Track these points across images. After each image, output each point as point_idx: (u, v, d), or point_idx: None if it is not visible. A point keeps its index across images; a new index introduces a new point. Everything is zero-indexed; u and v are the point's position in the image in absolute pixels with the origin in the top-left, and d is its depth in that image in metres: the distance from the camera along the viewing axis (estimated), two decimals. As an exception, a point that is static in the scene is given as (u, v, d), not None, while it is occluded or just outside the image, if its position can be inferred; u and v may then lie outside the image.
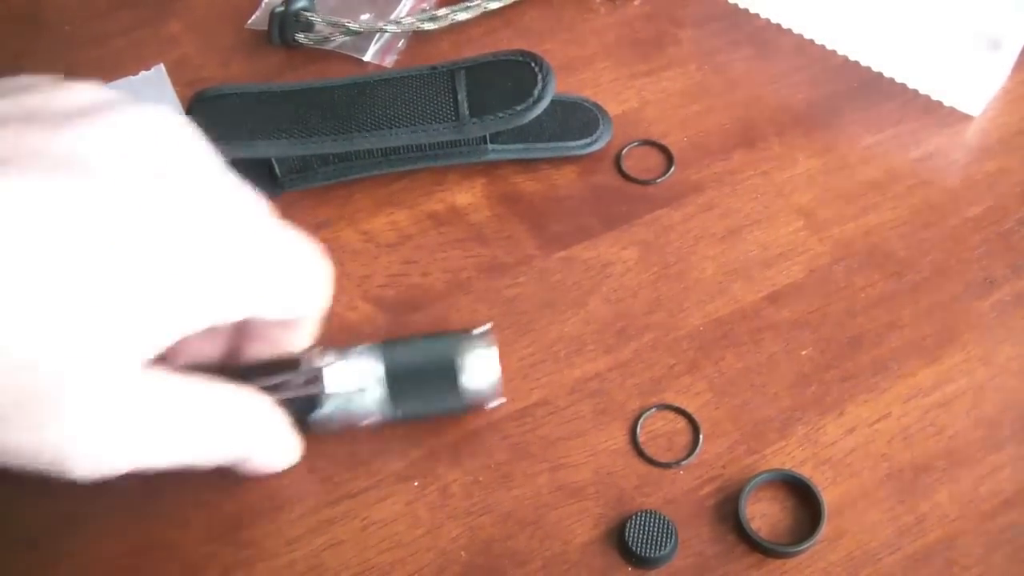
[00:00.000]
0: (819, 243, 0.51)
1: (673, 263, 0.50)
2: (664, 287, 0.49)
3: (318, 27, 0.59)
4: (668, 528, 0.41)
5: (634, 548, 0.40)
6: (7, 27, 0.63)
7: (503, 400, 0.44)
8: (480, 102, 0.51)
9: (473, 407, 0.44)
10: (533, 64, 0.52)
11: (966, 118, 0.56)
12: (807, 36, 0.60)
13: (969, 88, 0.55)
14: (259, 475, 0.42)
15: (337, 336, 0.48)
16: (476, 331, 0.43)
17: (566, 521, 0.42)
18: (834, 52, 0.59)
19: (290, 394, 0.41)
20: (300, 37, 0.60)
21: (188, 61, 0.60)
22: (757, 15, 0.61)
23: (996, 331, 0.47)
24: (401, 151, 0.52)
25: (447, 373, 0.42)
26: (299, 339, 0.42)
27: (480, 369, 0.43)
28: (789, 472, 0.42)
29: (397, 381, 0.42)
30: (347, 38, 0.60)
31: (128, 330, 0.31)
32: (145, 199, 0.31)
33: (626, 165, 0.54)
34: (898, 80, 0.58)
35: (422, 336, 0.44)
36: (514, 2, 0.62)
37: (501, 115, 0.51)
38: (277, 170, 0.51)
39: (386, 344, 0.43)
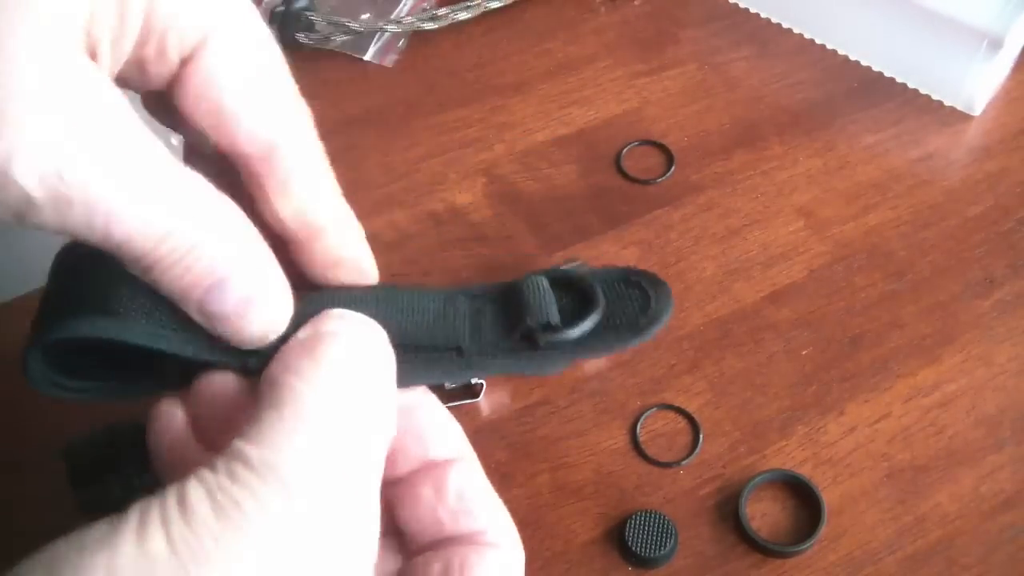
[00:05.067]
0: (819, 243, 0.51)
1: (673, 263, 0.50)
2: (664, 287, 0.49)
3: (318, 27, 0.59)
4: (668, 528, 0.41)
5: (634, 548, 0.40)
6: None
7: None
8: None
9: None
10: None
11: (966, 118, 0.56)
12: (807, 36, 0.60)
13: (969, 88, 0.55)
14: (232, 326, 0.27)
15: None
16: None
17: (566, 521, 0.42)
18: (834, 52, 0.59)
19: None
20: (300, 37, 0.60)
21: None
22: (757, 15, 0.61)
23: (996, 331, 0.47)
24: None
25: None
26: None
27: None
28: (789, 472, 0.42)
29: None
30: (347, 37, 0.60)
31: None
32: None
33: (626, 165, 0.54)
34: (898, 80, 0.58)
35: None
36: (515, 1, 0.62)
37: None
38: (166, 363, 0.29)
39: None
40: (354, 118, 0.57)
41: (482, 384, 0.45)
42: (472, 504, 0.29)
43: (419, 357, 0.30)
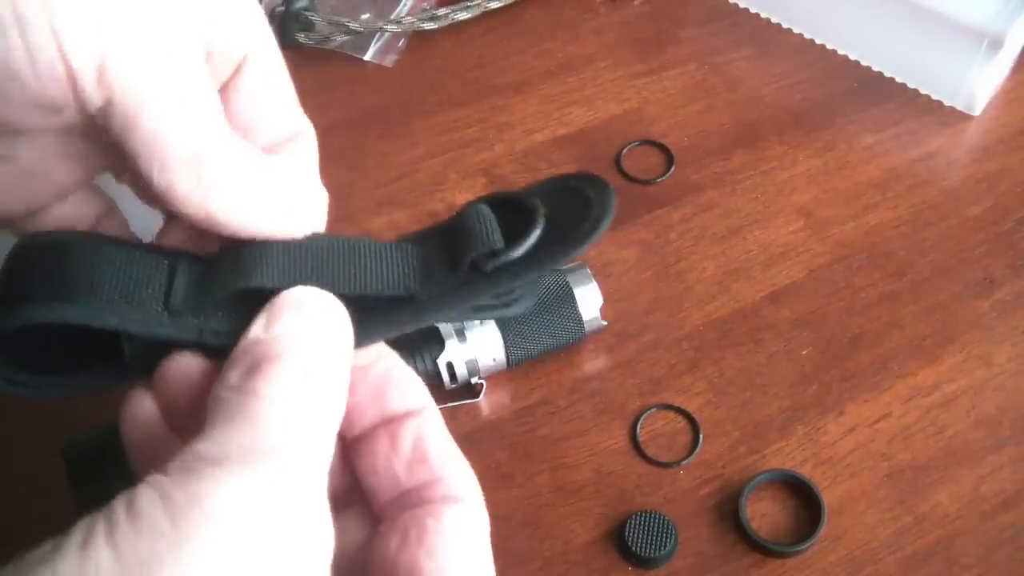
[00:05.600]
0: (819, 243, 0.51)
1: (673, 263, 0.50)
2: (664, 287, 0.49)
3: (318, 27, 0.59)
4: (668, 528, 0.41)
5: (634, 548, 0.40)
6: None
7: (605, 324, 0.46)
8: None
9: (582, 336, 0.46)
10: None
11: (966, 118, 0.56)
12: (807, 36, 0.60)
13: (969, 88, 0.55)
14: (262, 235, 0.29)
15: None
16: (569, 265, 0.46)
17: (566, 521, 0.42)
18: (834, 52, 0.59)
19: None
20: (300, 37, 0.60)
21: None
22: (758, 15, 0.61)
23: (996, 331, 0.47)
24: None
25: (562, 305, 0.45)
26: None
27: (588, 296, 0.45)
28: (789, 472, 0.42)
29: (509, 323, 0.44)
30: (347, 37, 0.60)
31: None
32: None
33: (626, 165, 0.54)
34: (898, 80, 0.58)
35: None
36: (515, 1, 0.62)
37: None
38: (126, 348, 0.29)
39: None
40: (354, 118, 0.57)
41: (482, 384, 0.45)
42: (427, 453, 0.28)
43: (372, 313, 0.29)
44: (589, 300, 0.45)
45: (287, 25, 0.59)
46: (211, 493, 0.22)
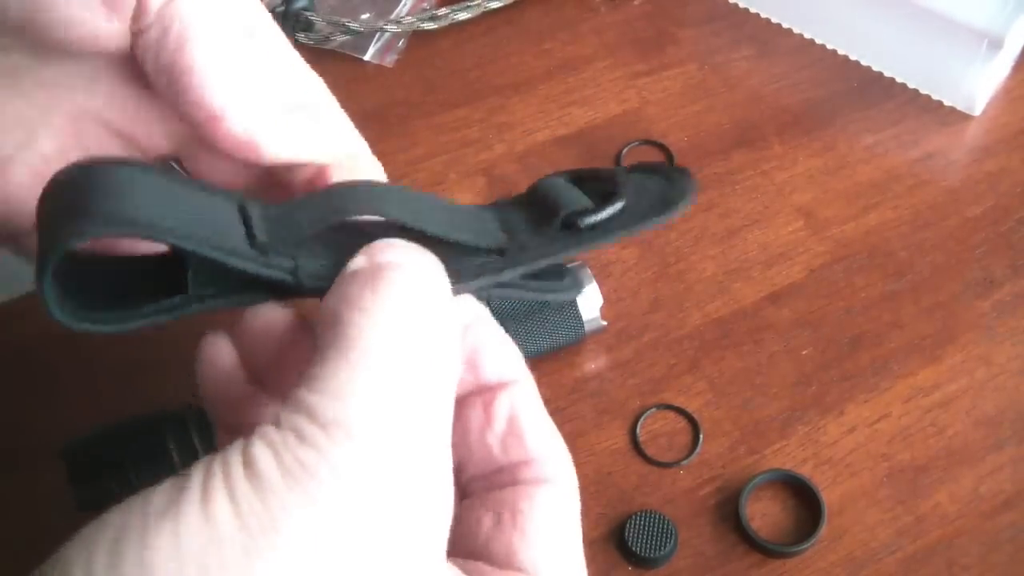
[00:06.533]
0: (819, 243, 0.51)
1: (673, 263, 0.50)
2: (664, 287, 0.49)
3: (318, 26, 0.59)
4: (668, 528, 0.41)
5: (634, 548, 0.40)
6: None
7: (605, 324, 0.47)
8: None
9: (582, 336, 0.46)
10: None
11: (966, 118, 0.56)
12: (807, 36, 0.60)
13: (969, 88, 0.55)
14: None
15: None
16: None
17: (566, 521, 0.42)
18: (834, 52, 0.59)
19: None
20: (300, 37, 0.60)
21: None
22: (757, 15, 0.61)
23: (996, 331, 0.47)
24: None
25: (562, 305, 0.45)
26: None
27: (588, 296, 0.45)
28: (789, 472, 0.42)
29: (510, 323, 0.44)
30: (347, 37, 0.60)
31: None
32: None
33: (626, 165, 0.54)
34: (898, 80, 0.58)
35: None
36: (515, 1, 0.62)
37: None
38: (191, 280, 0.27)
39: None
40: (354, 118, 0.57)
41: (482, 384, 0.45)
42: (523, 429, 0.27)
43: (460, 263, 0.28)
44: (589, 300, 0.45)
45: (287, 25, 0.59)
46: (319, 461, 0.21)
